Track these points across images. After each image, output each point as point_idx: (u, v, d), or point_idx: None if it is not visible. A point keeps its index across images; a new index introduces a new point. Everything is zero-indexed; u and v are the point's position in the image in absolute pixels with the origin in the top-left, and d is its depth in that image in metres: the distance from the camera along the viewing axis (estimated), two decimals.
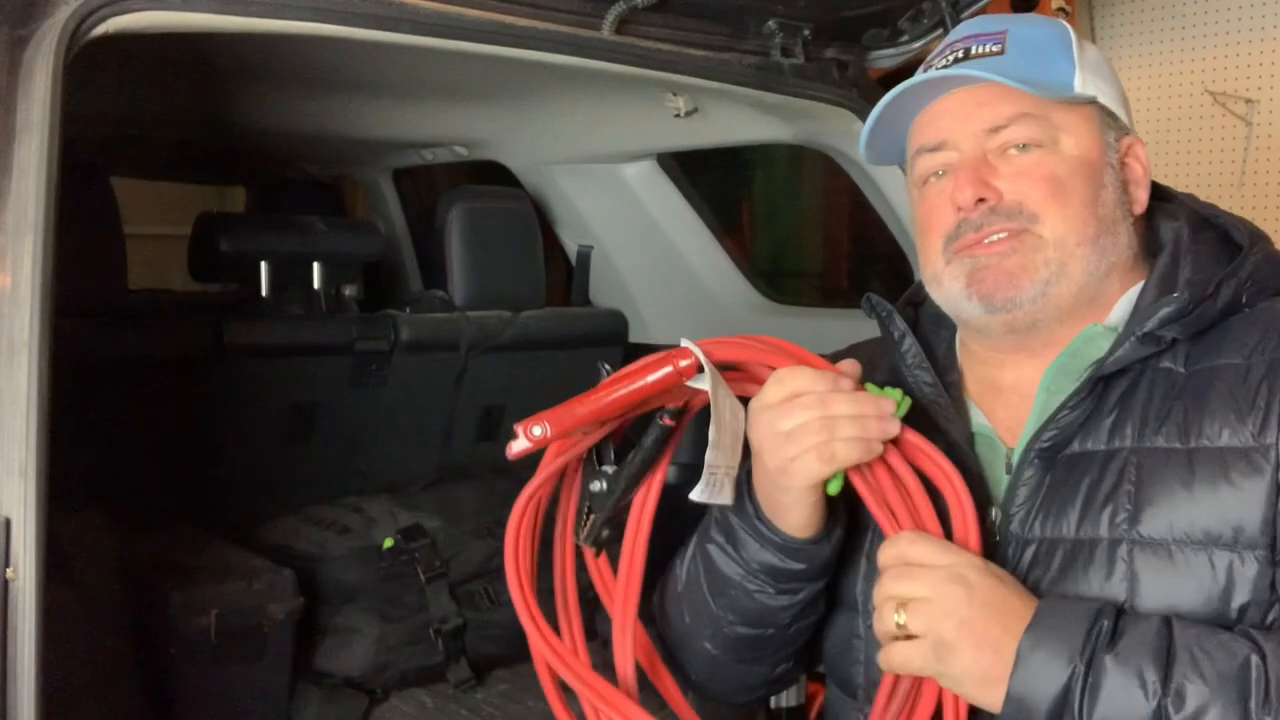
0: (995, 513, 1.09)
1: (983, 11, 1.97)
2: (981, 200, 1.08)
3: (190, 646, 2.07)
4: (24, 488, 1.09)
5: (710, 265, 2.88)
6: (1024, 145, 1.09)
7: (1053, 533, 1.06)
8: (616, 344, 2.98)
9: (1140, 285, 1.12)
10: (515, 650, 2.36)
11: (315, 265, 2.67)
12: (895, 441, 1.03)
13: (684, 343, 0.97)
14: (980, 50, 1.11)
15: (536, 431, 0.88)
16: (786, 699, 1.98)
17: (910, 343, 1.17)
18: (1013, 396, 1.15)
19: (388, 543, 2.45)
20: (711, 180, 3.26)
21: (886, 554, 1.01)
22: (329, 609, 2.40)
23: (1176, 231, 1.15)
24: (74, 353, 1.34)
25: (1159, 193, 1.19)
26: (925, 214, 1.15)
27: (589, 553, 1.07)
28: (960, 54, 1.13)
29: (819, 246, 4.37)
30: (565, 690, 1.08)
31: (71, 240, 1.20)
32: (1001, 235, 1.08)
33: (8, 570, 1.07)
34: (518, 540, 1.04)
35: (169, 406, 2.36)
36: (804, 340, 2.65)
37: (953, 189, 1.09)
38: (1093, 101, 1.12)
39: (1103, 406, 1.07)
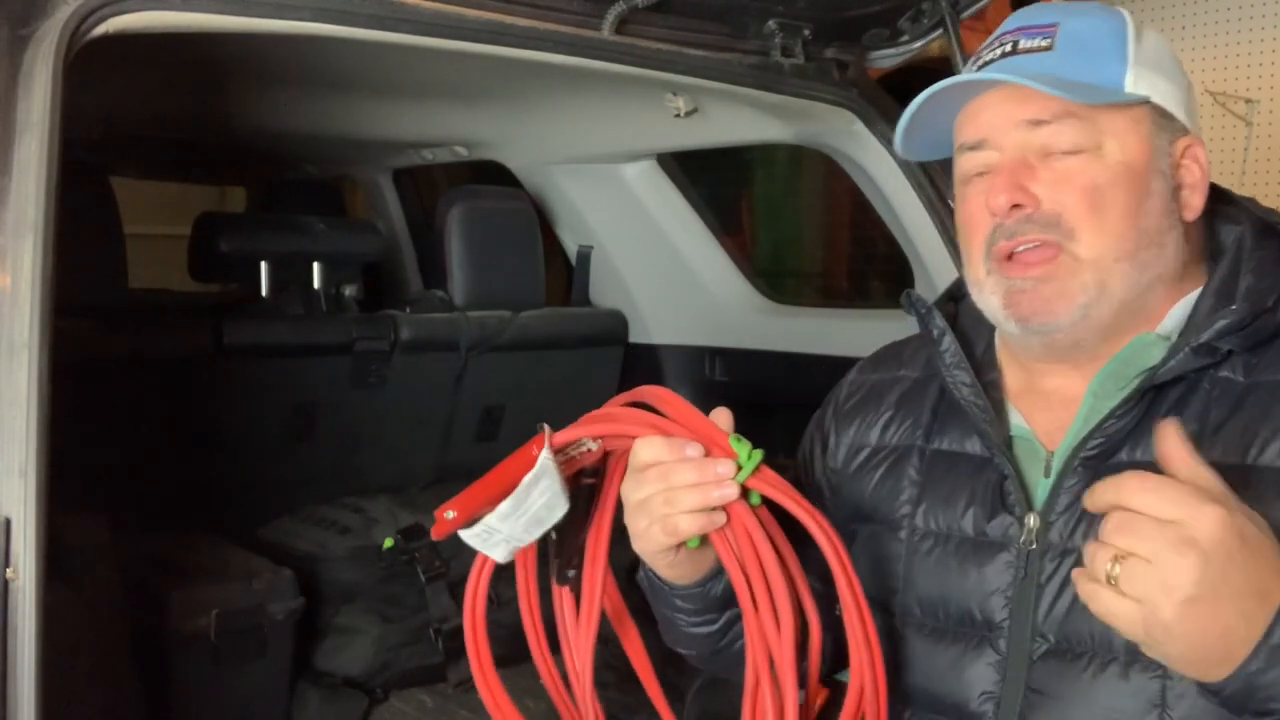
0: (1033, 519, 1.06)
1: (983, 13, 1.97)
2: (1017, 206, 1.05)
3: (190, 646, 2.07)
4: (24, 488, 1.09)
5: (710, 265, 2.87)
6: (1066, 149, 1.04)
7: None
8: (616, 344, 2.98)
9: (1196, 292, 1.08)
10: (516, 650, 2.37)
11: (315, 265, 2.67)
12: (746, 494, 1.01)
13: (542, 427, 1.03)
14: (1029, 45, 1.07)
15: (449, 515, 0.99)
16: None
17: (949, 341, 1.14)
18: (1054, 400, 1.12)
19: (388, 543, 2.45)
20: (711, 180, 3.27)
21: (1103, 494, 0.84)
22: (329, 609, 2.40)
23: (1238, 237, 1.09)
24: (74, 353, 1.33)
25: (1218, 194, 1.14)
26: (966, 216, 1.12)
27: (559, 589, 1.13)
28: (1009, 47, 1.08)
29: (819, 246, 4.37)
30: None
31: (71, 240, 1.20)
32: (1034, 245, 1.04)
33: (8, 570, 1.07)
34: (475, 612, 1.11)
35: (169, 406, 2.36)
36: (805, 340, 2.67)
37: (988, 193, 1.06)
38: (1145, 101, 1.06)
39: (1153, 415, 1.02)
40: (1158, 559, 0.81)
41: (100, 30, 1.24)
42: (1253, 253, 1.06)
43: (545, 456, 1.00)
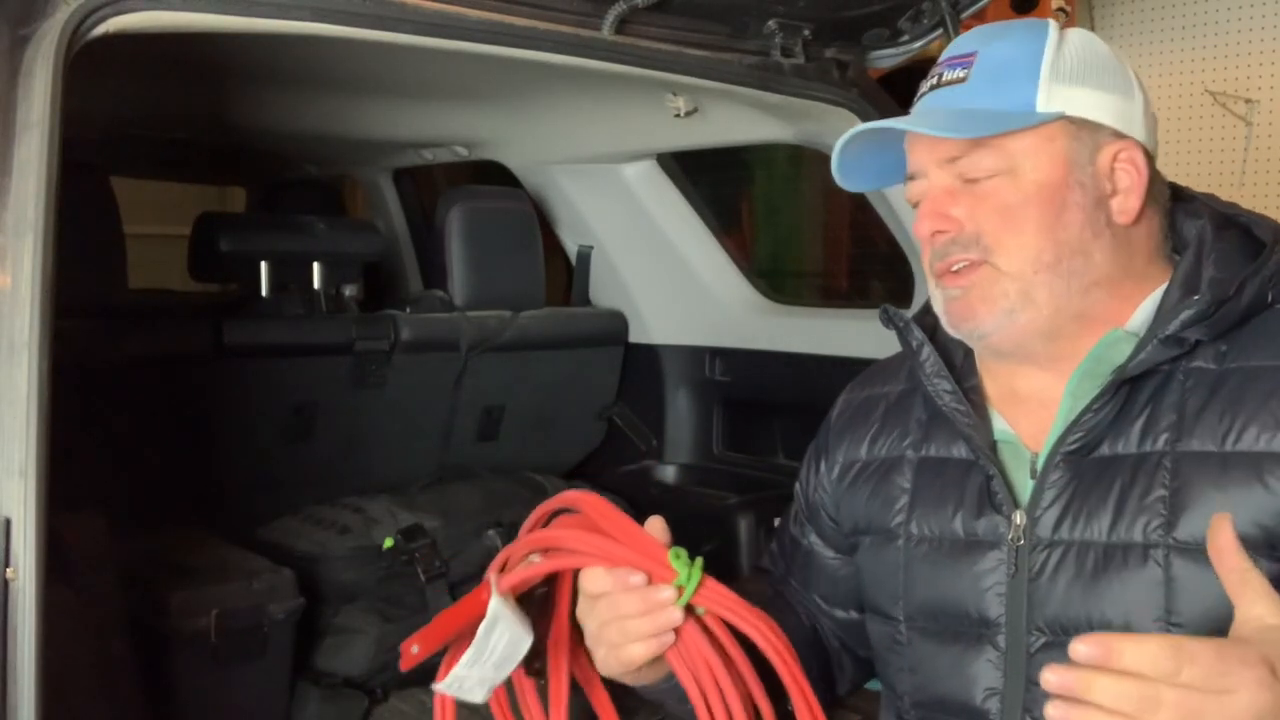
0: (1020, 517, 1.09)
1: (982, 13, 1.97)
2: (940, 232, 1.10)
3: (190, 646, 2.07)
4: (24, 488, 1.08)
5: (710, 265, 2.88)
6: (983, 175, 1.09)
7: (1083, 536, 1.05)
8: (616, 344, 2.98)
9: (1163, 287, 1.11)
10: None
11: (315, 265, 2.67)
12: (690, 608, 1.03)
13: (489, 575, 1.06)
14: (950, 77, 1.12)
15: (414, 650, 1.01)
16: None
17: (928, 352, 1.17)
18: (1033, 404, 1.14)
19: (388, 543, 2.45)
20: (711, 180, 3.27)
21: (1129, 659, 0.76)
22: (329, 609, 2.39)
23: (1199, 230, 1.12)
24: (74, 353, 1.33)
25: (1178, 192, 1.17)
26: (916, 238, 1.18)
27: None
28: (935, 80, 1.13)
29: (819, 246, 4.37)
30: None
31: (71, 240, 1.20)
32: (963, 265, 1.10)
33: (8, 570, 1.07)
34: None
35: (169, 406, 2.36)
36: (805, 340, 2.65)
37: (917, 220, 1.13)
38: (1060, 116, 1.08)
39: (1131, 409, 1.06)
40: None
41: (100, 30, 1.24)
42: (1214, 245, 1.10)
43: (496, 603, 1.02)
